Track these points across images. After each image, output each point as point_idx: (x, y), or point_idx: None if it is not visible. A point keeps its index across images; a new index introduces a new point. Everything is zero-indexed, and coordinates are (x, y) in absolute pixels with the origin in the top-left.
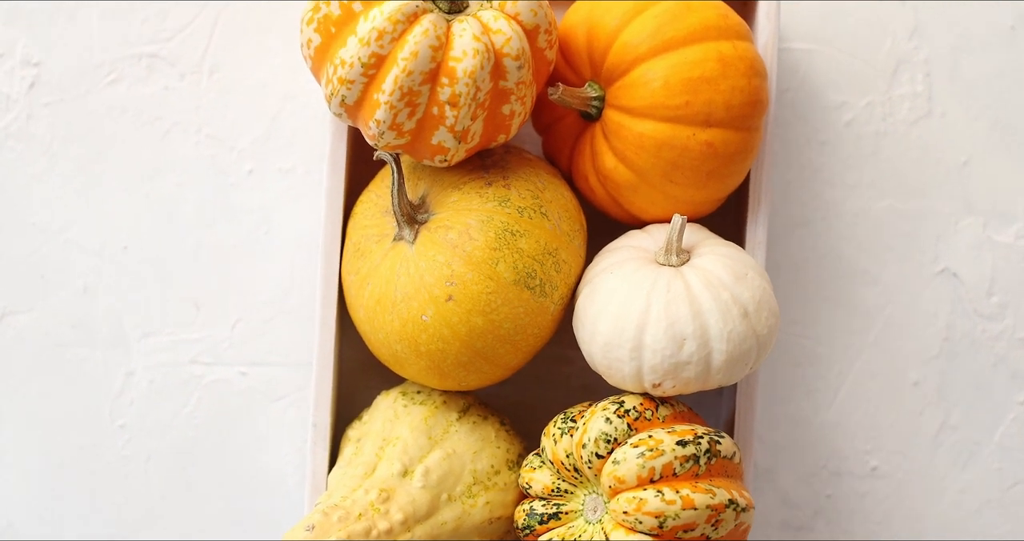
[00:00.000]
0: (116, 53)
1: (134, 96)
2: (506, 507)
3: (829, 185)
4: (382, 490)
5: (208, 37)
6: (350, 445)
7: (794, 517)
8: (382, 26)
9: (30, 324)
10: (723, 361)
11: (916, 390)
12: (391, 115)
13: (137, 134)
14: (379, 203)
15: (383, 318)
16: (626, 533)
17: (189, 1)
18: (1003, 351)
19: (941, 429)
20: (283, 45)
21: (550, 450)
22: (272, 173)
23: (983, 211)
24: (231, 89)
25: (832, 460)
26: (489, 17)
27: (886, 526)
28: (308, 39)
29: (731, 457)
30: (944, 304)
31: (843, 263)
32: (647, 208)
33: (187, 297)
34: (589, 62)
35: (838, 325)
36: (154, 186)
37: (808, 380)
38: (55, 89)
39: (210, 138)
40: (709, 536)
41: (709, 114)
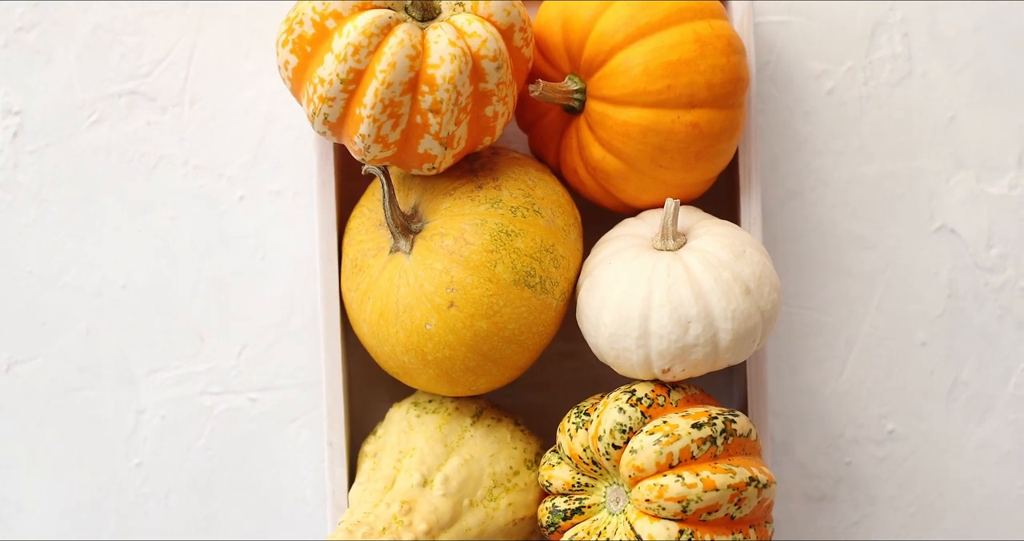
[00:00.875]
0: (96, 93)
1: (118, 134)
2: (529, 507)
3: (818, 154)
4: (403, 502)
5: (186, 68)
6: (367, 460)
7: (816, 488)
8: (357, 41)
9: (36, 372)
10: (730, 340)
11: (925, 350)
12: (375, 128)
13: (125, 172)
14: (372, 217)
15: (387, 331)
16: (650, 521)
17: (164, 34)
18: (1008, 302)
19: (954, 386)
20: (261, 69)
21: (567, 445)
22: (263, 197)
23: (974, 165)
24: (214, 118)
25: (848, 427)
26: (463, 21)
27: (908, 488)
28: (285, 61)
29: (747, 435)
30: (944, 261)
31: (839, 230)
32: (639, 195)
33: (190, 329)
34: (567, 56)
35: (840, 293)
36: (147, 221)
37: (816, 350)
38: (39, 135)
39: (198, 168)
40: (733, 515)
41: (692, 95)
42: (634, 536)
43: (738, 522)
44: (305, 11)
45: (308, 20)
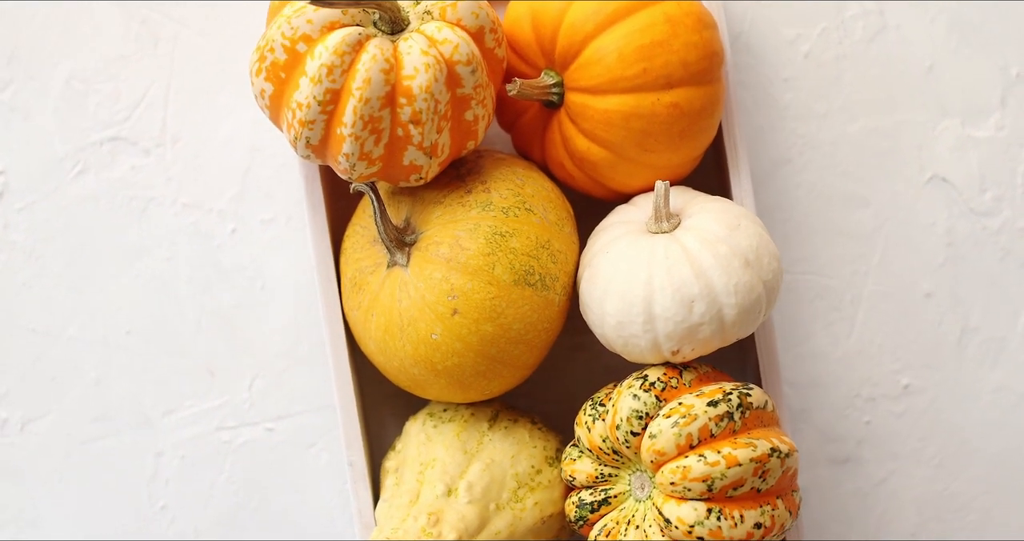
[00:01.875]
0: (77, 143)
1: (104, 182)
2: (555, 503)
3: (801, 119)
4: (430, 514)
5: (163, 109)
6: (390, 476)
7: (838, 450)
8: (330, 61)
9: (51, 428)
10: (735, 314)
11: (930, 301)
12: (358, 146)
13: (115, 218)
14: (365, 234)
15: (394, 346)
16: (677, 503)
17: (137, 78)
18: (1007, 243)
19: (963, 334)
20: (238, 101)
21: (586, 438)
22: (255, 227)
23: (958, 111)
24: (197, 154)
25: (863, 387)
26: (433, 29)
27: (930, 440)
28: (261, 89)
29: (764, 406)
30: (940, 210)
31: (831, 192)
32: (628, 181)
33: (199, 366)
34: (540, 51)
35: (840, 254)
36: (143, 265)
37: (823, 314)
38: (25, 192)
39: (187, 206)
40: (759, 488)
41: (668, 76)
42: (663, 520)
43: (765, 494)
44: (275, 38)
45: (279, 46)
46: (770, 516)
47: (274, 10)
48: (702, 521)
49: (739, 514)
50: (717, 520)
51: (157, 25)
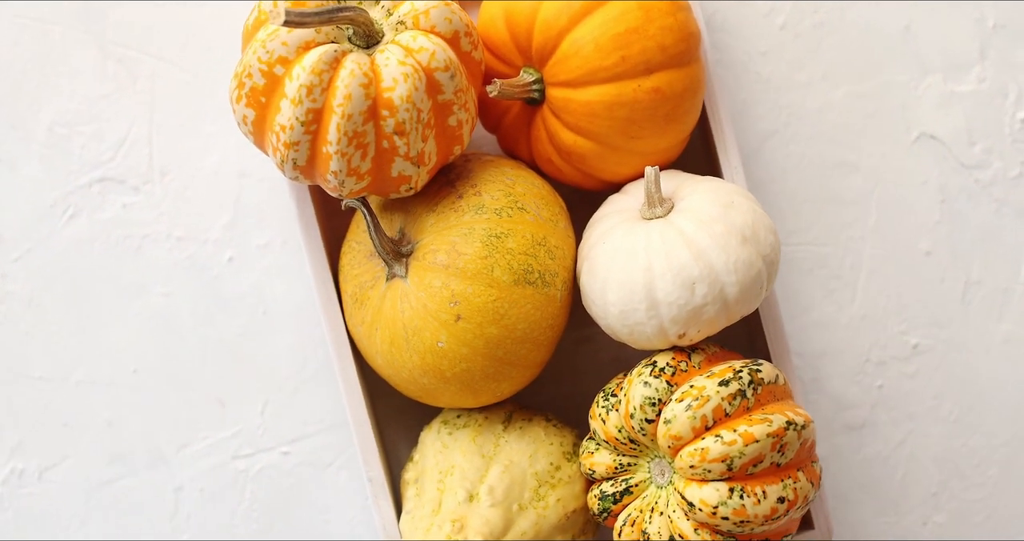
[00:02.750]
0: (66, 188)
1: (96, 223)
2: (577, 498)
3: (783, 90)
4: (454, 521)
5: (148, 144)
6: (410, 487)
7: (854, 417)
8: (308, 81)
9: (69, 473)
10: (737, 292)
11: (930, 259)
12: (345, 162)
13: (111, 259)
14: (361, 249)
15: (401, 357)
16: (699, 486)
17: (119, 116)
18: (1001, 194)
19: (966, 288)
20: (221, 128)
21: (601, 430)
22: (251, 253)
23: (938, 67)
24: (186, 186)
25: (873, 351)
26: (407, 38)
27: (944, 397)
28: (243, 116)
29: (775, 381)
30: (930, 168)
31: (821, 160)
32: (618, 170)
33: (209, 397)
34: (517, 50)
35: (836, 221)
36: (143, 303)
37: (824, 282)
38: (19, 241)
39: (181, 240)
40: (779, 462)
41: (647, 61)
42: (686, 504)
43: (785, 468)
44: (252, 63)
45: (256, 71)
46: (792, 489)
47: (248, 35)
48: (725, 501)
49: (761, 490)
50: (740, 498)
51: (134, 62)
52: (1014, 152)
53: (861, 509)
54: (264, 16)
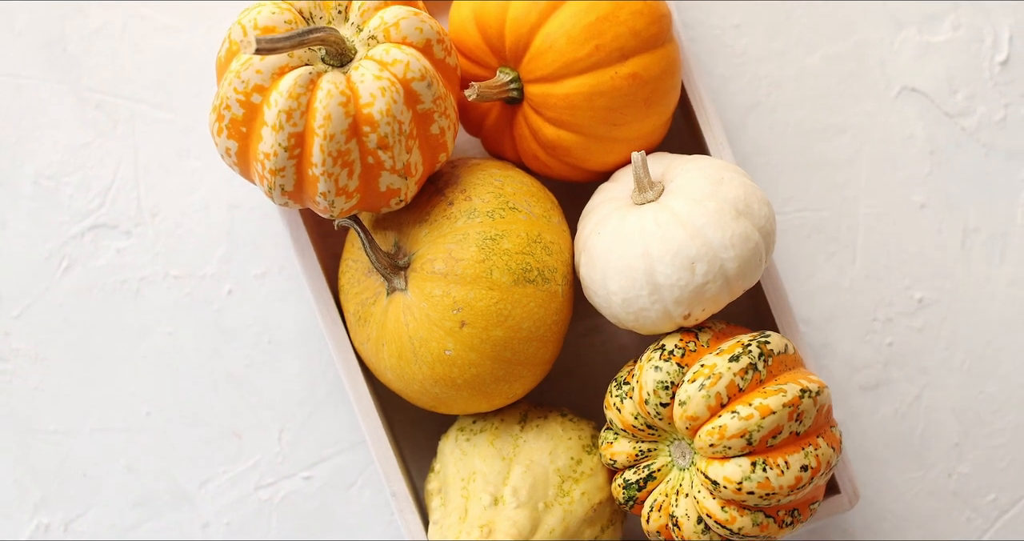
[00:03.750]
0: (58, 240)
1: (92, 271)
2: (601, 489)
3: (761, 61)
4: (481, 526)
5: (135, 187)
6: (434, 498)
7: (868, 377)
8: (287, 105)
9: (94, 523)
10: (737, 266)
11: (925, 211)
12: (332, 183)
13: (111, 305)
14: (359, 267)
15: (411, 370)
16: (721, 464)
17: (103, 162)
18: (988, 139)
19: (965, 236)
20: (206, 163)
21: (617, 419)
22: (250, 283)
23: (912, 20)
24: (178, 224)
25: (878, 309)
26: (381, 52)
27: (955, 348)
28: (226, 148)
29: (785, 350)
30: (916, 121)
31: (806, 126)
32: (605, 159)
33: (225, 431)
34: (490, 51)
35: (827, 184)
36: (149, 345)
37: (823, 246)
38: (18, 298)
39: (179, 278)
40: (798, 431)
41: (621, 48)
42: (710, 483)
43: (804, 436)
44: (228, 94)
45: (234, 102)
46: (814, 456)
47: (221, 67)
48: (749, 476)
49: (783, 461)
50: (763, 471)
51: (112, 107)
52: (996, 95)
53: (885, 468)
54: (235, 47)
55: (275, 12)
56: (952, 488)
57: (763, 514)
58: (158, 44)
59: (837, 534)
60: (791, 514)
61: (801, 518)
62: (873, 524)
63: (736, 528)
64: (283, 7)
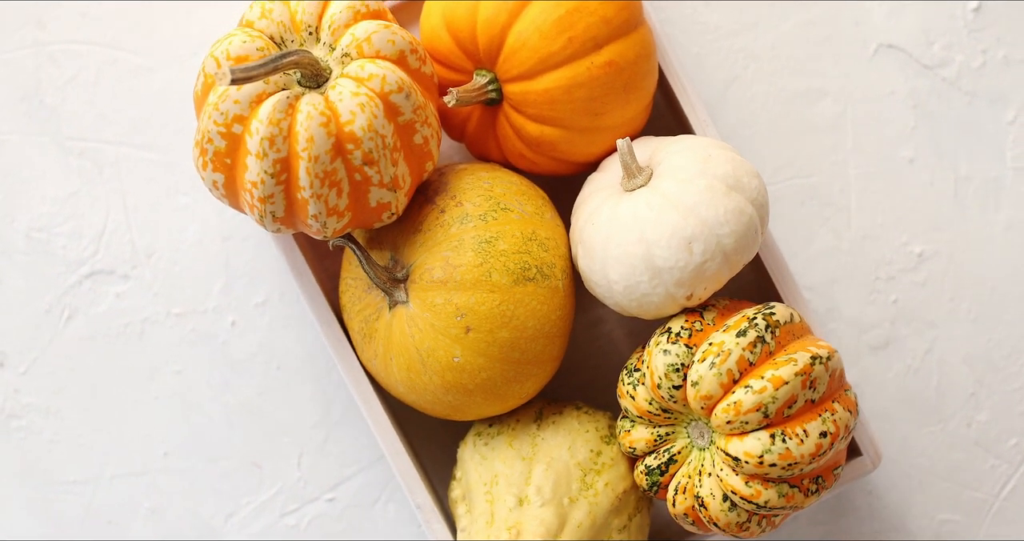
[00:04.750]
0: (57, 291)
1: (94, 319)
2: (624, 478)
3: (735, 34)
4: (509, 528)
5: (128, 229)
6: (459, 505)
7: (876, 336)
8: (268, 132)
9: None
10: (733, 242)
11: (915, 165)
12: (322, 204)
13: (117, 350)
14: (358, 284)
15: (422, 381)
16: (740, 439)
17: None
18: (969, 86)
19: (957, 185)
20: (195, 198)
21: (632, 407)
22: (252, 313)
23: None
24: (174, 262)
25: (880, 269)
26: (356, 68)
27: (960, 298)
28: (213, 181)
29: (791, 320)
30: (895, 77)
31: (787, 94)
32: (590, 150)
33: (244, 462)
34: (465, 55)
35: (815, 149)
36: (159, 385)
37: (818, 211)
38: (23, 353)
39: (180, 316)
40: (812, 398)
41: (594, 37)
42: (732, 460)
43: (820, 402)
44: (209, 128)
45: (215, 135)
46: (832, 422)
47: (199, 101)
48: (769, 448)
49: (802, 430)
50: (783, 442)
51: (96, 153)
52: (973, 42)
53: (904, 425)
54: (211, 79)
55: (246, 41)
56: (973, 437)
57: (787, 485)
58: (134, 86)
59: (863, 496)
60: (815, 482)
61: (826, 484)
62: (898, 482)
63: (762, 501)
64: (253, 35)
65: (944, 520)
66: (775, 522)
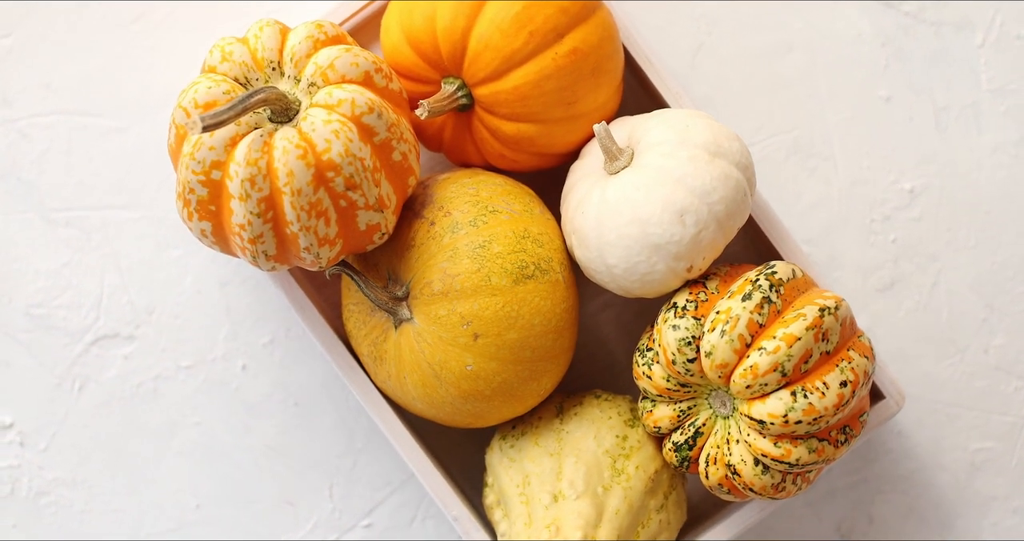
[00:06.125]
0: (64, 363)
1: (106, 384)
2: (654, 459)
3: (692, 2)
4: (548, 526)
5: (125, 291)
6: (496, 511)
7: (881, 278)
8: (247, 173)
9: None
10: (724, 208)
11: (892, 103)
12: (312, 235)
13: (134, 411)
14: (361, 309)
15: (438, 394)
16: (762, 402)
17: (87, 275)
18: (934, 16)
19: (937, 117)
20: (186, 250)
21: (650, 386)
22: (261, 354)
23: None
24: (176, 315)
25: (873, 209)
26: (324, 96)
27: (957, 226)
28: (200, 230)
29: (793, 276)
30: (860, 19)
31: (754, 52)
32: (569, 139)
33: (277, 502)
34: (430, 66)
35: (790, 103)
36: (180, 439)
37: (803, 164)
38: (42, 430)
39: (190, 368)
40: (827, 350)
41: (554, 28)
42: (757, 424)
43: (835, 353)
44: (189, 178)
45: (196, 184)
46: (850, 370)
47: (175, 154)
48: (792, 406)
49: (822, 383)
50: (805, 398)
51: (81, 220)
52: None
53: (922, 361)
54: (183, 130)
55: (211, 86)
56: (992, 363)
57: (816, 439)
58: (108, 148)
59: (893, 438)
60: (843, 432)
61: (854, 433)
62: (926, 418)
63: (794, 460)
64: (217, 79)
65: (977, 449)
66: (809, 478)
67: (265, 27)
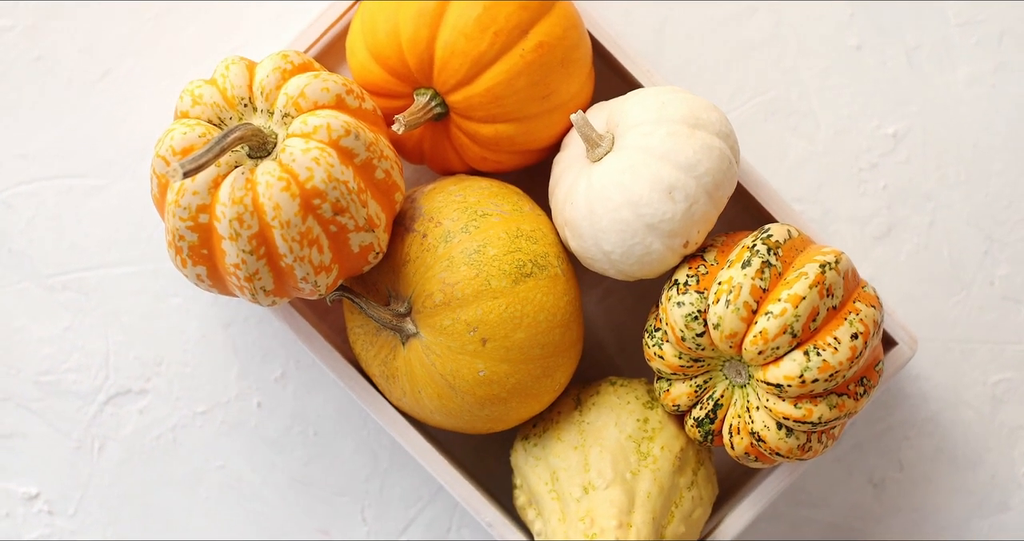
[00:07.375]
0: (81, 427)
1: (125, 441)
2: (678, 437)
3: None
4: (582, 518)
5: (130, 346)
6: (528, 511)
7: (878, 225)
8: (235, 212)
9: None
10: (712, 179)
11: (863, 51)
12: (308, 265)
13: (156, 462)
14: (366, 330)
15: (455, 404)
16: (776, 366)
17: (89, 337)
18: None
19: (909, 58)
20: (185, 297)
21: (664, 366)
22: (273, 389)
23: None
24: (184, 362)
25: (860, 158)
26: (299, 125)
27: (944, 165)
28: (196, 275)
29: (789, 237)
30: None
31: (718, 22)
32: (548, 133)
33: (311, 533)
34: (400, 80)
35: (763, 66)
36: (207, 485)
37: (784, 123)
38: (69, 495)
39: (206, 412)
40: (833, 305)
41: (518, 25)
42: (774, 388)
43: (842, 307)
44: (177, 225)
45: (185, 230)
46: (859, 321)
47: (159, 203)
48: (806, 365)
49: (832, 338)
50: (818, 355)
51: (77, 282)
52: None
53: (930, 301)
54: (164, 179)
55: (186, 131)
56: (1000, 293)
57: (835, 395)
58: (94, 207)
59: (912, 382)
60: (861, 383)
61: (872, 383)
62: (941, 358)
63: (816, 418)
64: (191, 123)
65: (997, 381)
66: (835, 434)
67: (231, 65)
